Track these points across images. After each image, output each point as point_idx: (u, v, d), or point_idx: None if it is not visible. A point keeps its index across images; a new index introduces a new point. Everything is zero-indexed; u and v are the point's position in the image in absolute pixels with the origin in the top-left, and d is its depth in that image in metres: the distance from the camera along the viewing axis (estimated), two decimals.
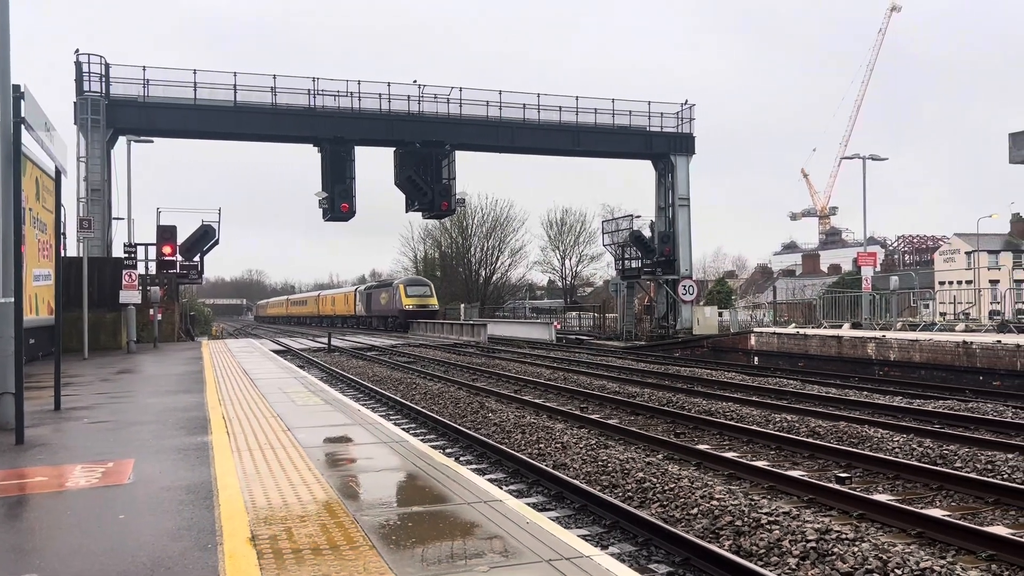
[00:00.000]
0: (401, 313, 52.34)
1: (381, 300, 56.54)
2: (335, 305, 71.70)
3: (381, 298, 56.62)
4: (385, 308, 55.72)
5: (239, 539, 4.54)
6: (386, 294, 55.79)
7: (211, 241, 33.09)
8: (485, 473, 9.39)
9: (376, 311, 58.22)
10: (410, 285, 53.83)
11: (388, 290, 55.79)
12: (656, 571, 6.06)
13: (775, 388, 16.66)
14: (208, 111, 31.58)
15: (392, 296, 53.82)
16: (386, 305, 55.36)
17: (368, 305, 59.89)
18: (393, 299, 53.45)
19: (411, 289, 52.89)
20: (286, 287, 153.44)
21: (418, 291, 52.85)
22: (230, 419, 9.24)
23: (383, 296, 56.35)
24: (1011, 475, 8.50)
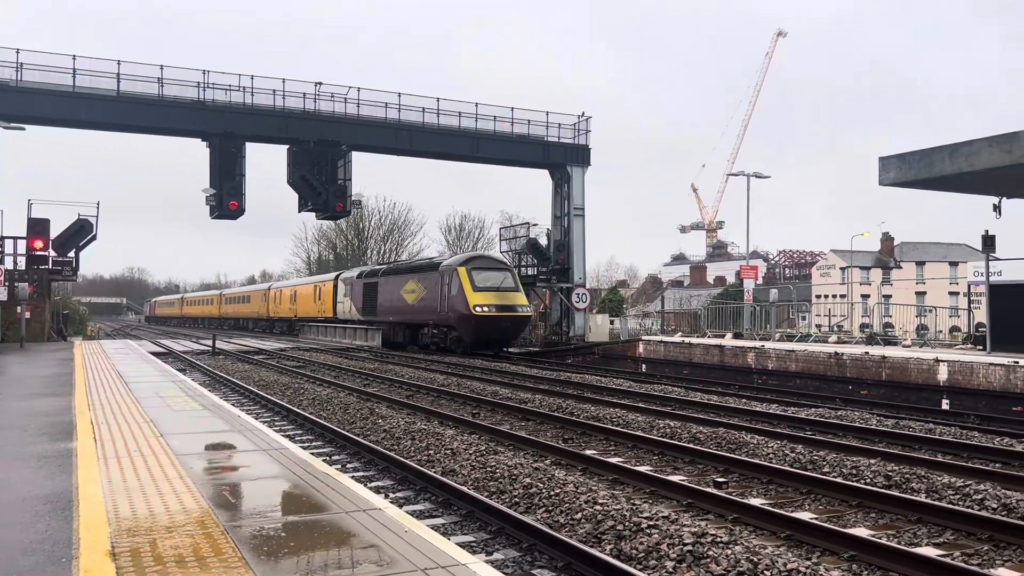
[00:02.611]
0: (464, 321, 29.12)
1: (408, 295, 33.58)
2: (299, 303, 50.51)
3: (408, 292, 33.56)
4: (419, 309, 32.42)
5: (98, 552, 4.28)
6: (421, 285, 32.36)
7: (88, 236, 31.36)
8: (372, 481, 9.23)
9: (393, 312, 35.07)
10: (478, 268, 30.21)
11: (427, 278, 31.97)
12: None
13: (660, 395, 17.12)
14: (89, 100, 29.89)
15: (440, 288, 30.54)
16: (422, 304, 32.12)
17: (372, 303, 37.20)
18: (442, 294, 30.40)
19: (481, 276, 29.78)
20: (170, 286, 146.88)
21: (494, 279, 30.18)
22: (99, 424, 8.74)
23: (414, 288, 33.00)
24: (873, 479, 9.00)
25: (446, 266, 31.16)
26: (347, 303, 41.26)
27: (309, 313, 48.58)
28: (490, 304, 29.02)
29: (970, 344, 27.46)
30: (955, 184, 18.36)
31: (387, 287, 36.02)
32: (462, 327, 29.80)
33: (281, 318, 54.98)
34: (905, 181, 18.14)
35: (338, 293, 42.80)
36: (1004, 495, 7.96)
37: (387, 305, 35.92)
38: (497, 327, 29.64)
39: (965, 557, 6.50)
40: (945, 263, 70.55)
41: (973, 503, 7.89)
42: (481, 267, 30.75)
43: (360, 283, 39.45)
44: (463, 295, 29.11)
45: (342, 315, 42.08)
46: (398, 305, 34.70)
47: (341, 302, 42.24)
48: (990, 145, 15.98)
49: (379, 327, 36.80)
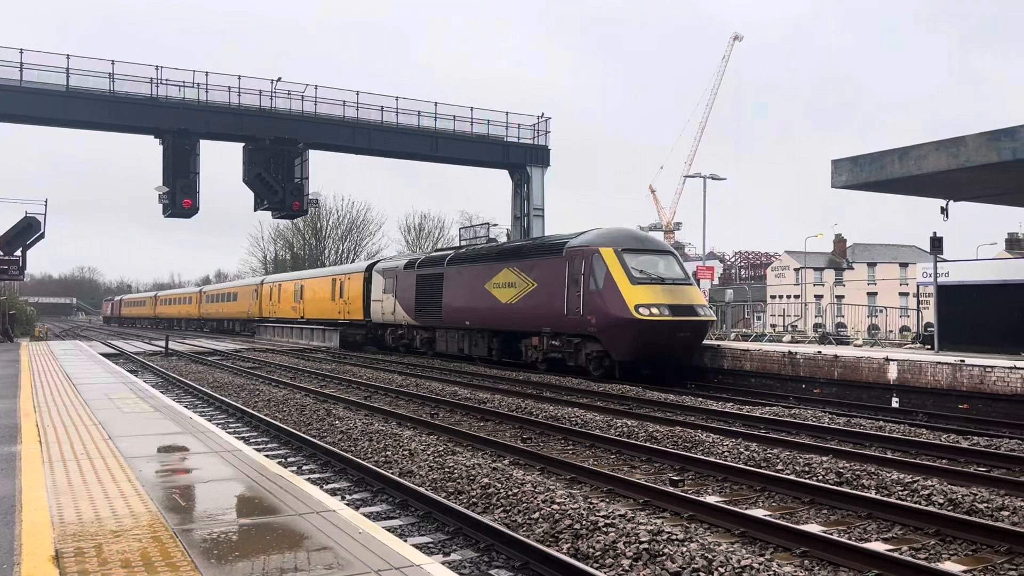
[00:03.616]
0: (617, 329, 19.60)
1: (500, 292, 23.78)
2: (309, 301, 40.98)
3: (500, 286, 23.82)
4: (523, 311, 22.76)
5: (41, 558, 4.15)
6: (526, 275, 22.70)
7: (35, 234, 30.58)
8: (328, 482, 9.12)
9: (472, 315, 25.49)
10: (632, 250, 20.78)
11: (538, 266, 22.37)
12: None
13: (618, 394, 17.22)
14: (36, 94, 29.10)
15: (567, 279, 21.00)
16: (528, 303, 22.50)
17: (433, 302, 27.71)
18: (569, 288, 20.81)
19: (638, 261, 20.52)
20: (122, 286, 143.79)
21: (656, 266, 20.93)
22: (44, 427, 8.50)
23: (512, 280, 23.31)
24: (825, 476, 9.15)
25: (577, 247, 20.85)
26: (388, 301, 31.15)
27: (324, 314, 38.60)
28: (660, 304, 19.42)
29: (919, 343, 28.16)
30: (905, 187, 18.77)
31: (460, 279, 26.15)
32: (612, 338, 19.60)
33: (280, 319, 45.79)
34: (857, 184, 18.50)
35: (373, 288, 33.02)
36: (951, 490, 8.15)
37: (460, 305, 25.97)
38: (671, 338, 19.77)
39: (913, 551, 6.64)
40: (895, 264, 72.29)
41: (921, 499, 8.07)
42: (635, 248, 20.62)
43: (411, 274, 29.42)
44: (614, 290, 19.39)
45: (380, 317, 32.12)
46: (482, 305, 24.59)
47: (379, 300, 32.12)
48: (937, 149, 16.38)
49: (444, 335, 27.44)
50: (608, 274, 19.82)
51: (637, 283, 19.73)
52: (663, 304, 19.63)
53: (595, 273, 20.07)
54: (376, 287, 33.01)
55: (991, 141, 15.56)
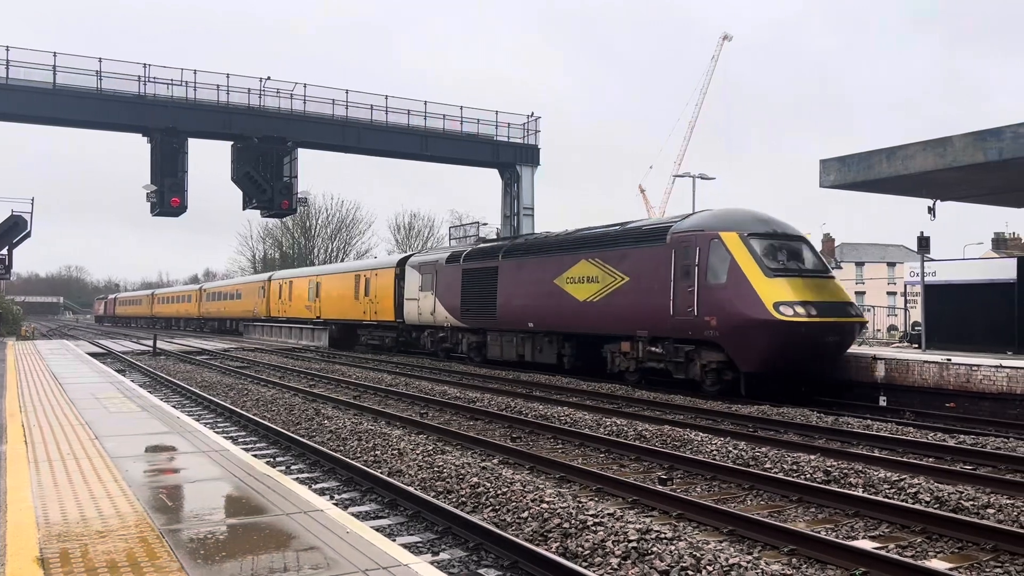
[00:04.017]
0: (750, 334, 15.55)
1: (577, 288, 20.24)
2: (327, 300, 37.74)
3: (577, 282, 20.28)
4: (611, 311, 19.01)
5: (26, 558, 4.12)
6: (614, 268, 19.07)
7: (21, 233, 30.37)
8: (317, 482, 9.10)
9: (538, 316, 21.81)
10: (761, 235, 16.63)
11: (631, 255, 18.75)
12: (485, 575, 6.07)
13: (607, 393, 17.25)
14: (22, 92, 28.86)
15: (674, 271, 17.20)
16: (618, 302, 18.78)
17: (486, 300, 24.13)
18: (677, 282, 17.04)
19: (770, 247, 16.50)
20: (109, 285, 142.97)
21: (793, 255, 16.77)
22: (30, 427, 8.44)
23: (594, 274, 19.68)
24: (812, 475, 9.19)
25: (687, 232, 17.13)
26: (426, 300, 27.44)
27: (345, 314, 35.12)
28: (806, 302, 15.62)
29: (907, 342, 28.34)
30: (893, 186, 18.89)
31: (521, 274, 22.41)
32: (740, 344, 15.77)
33: (292, 319, 42.51)
34: (845, 183, 18.60)
35: (406, 285, 29.28)
36: (937, 488, 8.20)
37: (521, 304, 22.19)
38: (817, 345, 15.87)
39: (899, 549, 6.68)
40: (883, 263, 72.64)
41: (908, 497, 8.11)
42: (763, 232, 16.64)
43: (455, 270, 25.64)
44: (744, 285, 15.70)
45: (415, 318, 28.41)
46: (550, 304, 20.90)
47: (415, 299, 28.39)
48: (924, 149, 16.48)
49: (498, 339, 23.67)
50: (734, 264, 16.00)
51: (774, 275, 15.81)
52: (809, 302, 15.69)
53: (714, 264, 16.37)
54: (411, 284, 28.96)
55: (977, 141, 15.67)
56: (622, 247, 19.16)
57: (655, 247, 18.02)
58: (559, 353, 21.55)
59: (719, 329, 16.07)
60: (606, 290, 19.17)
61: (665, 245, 17.69)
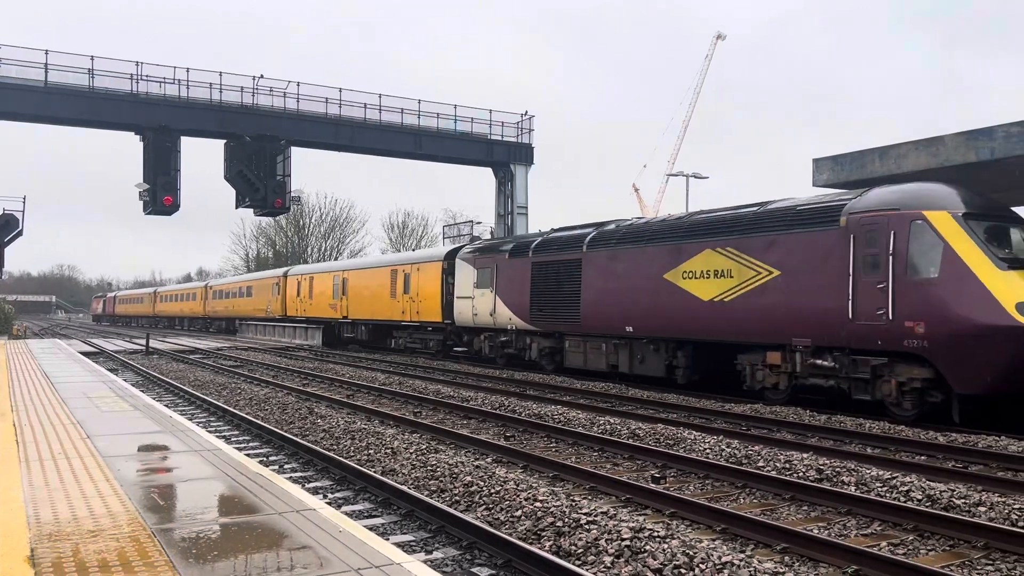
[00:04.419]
0: (975, 346, 11.89)
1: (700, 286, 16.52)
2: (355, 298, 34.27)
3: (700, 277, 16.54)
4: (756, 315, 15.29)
5: (16, 558, 4.11)
6: (756, 259, 15.38)
7: (14, 232, 30.23)
8: (309, 481, 9.08)
9: (637, 318, 18.10)
10: (978, 216, 12.90)
11: (787, 243, 14.89)
12: (478, 574, 6.06)
13: (602, 392, 17.26)
14: (13, 90, 28.75)
15: (853, 263, 13.58)
16: (769, 302, 15.04)
17: (566, 299, 20.51)
18: (858, 278, 13.46)
19: (990, 232, 12.69)
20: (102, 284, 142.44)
21: (1017, 240, 12.95)
22: (21, 426, 8.41)
23: (728, 266, 15.94)
24: (805, 473, 9.21)
25: (874, 211, 13.77)
26: (483, 298, 23.74)
27: (379, 314, 31.47)
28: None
29: None
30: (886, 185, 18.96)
31: (615, 267, 18.84)
32: (959, 358, 12.38)
33: (313, 319, 38.91)
34: (838, 182, 18.65)
35: (457, 281, 25.52)
36: (929, 486, 8.23)
37: (616, 303, 18.67)
38: None
39: (892, 547, 6.70)
40: None
41: (900, 495, 8.13)
42: (983, 212, 13.35)
43: (522, 263, 22.19)
44: (969, 280, 12.40)
45: (469, 319, 24.73)
46: (659, 304, 17.40)
47: (467, 297, 24.68)
48: (917, 148, 16.54)
49: (582, 345, 20.04)
50: (951, 253, 12.58)
51: (1009, 268, 12.33)
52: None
53: (919, 253, 12.95)
54: (463, 280, 25.20)
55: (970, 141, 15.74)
56: (768, 233, 15.32)
57: (821, 232, 14.37)
58: (669, 364, 17.62)
59: (927, 338, 12.51)
60: (744, 287, 15.51)
61: (838, 230, 14.04)
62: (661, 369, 17.81)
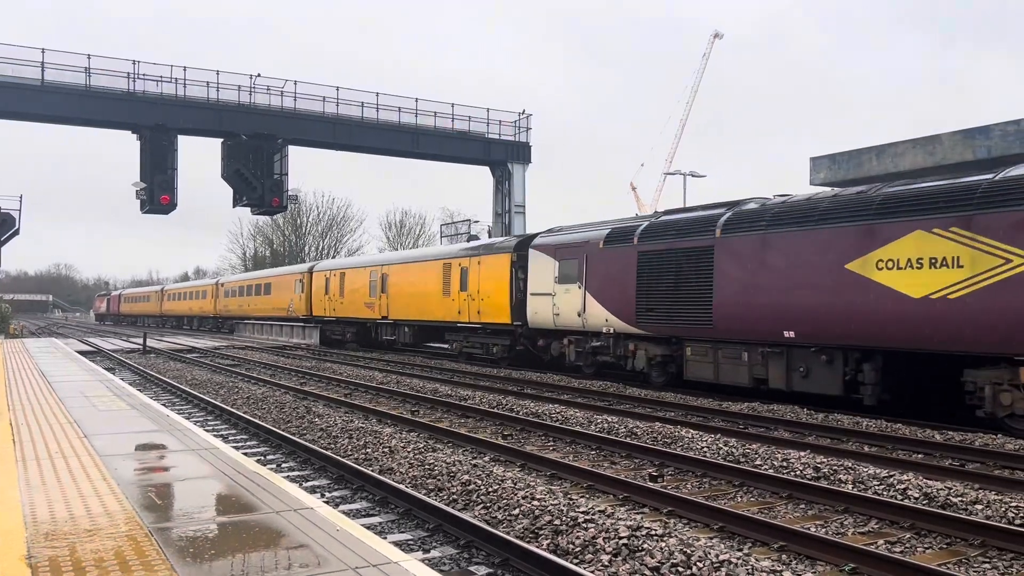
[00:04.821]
0: None
1: (928, 286, 12.37)
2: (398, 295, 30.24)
3: (940, 273, 12.28)
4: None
5: (12, 558, 4.10)
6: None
7: (10, 231, 30.20)
8: (307, 480, 9.08)
9: (805, 319, 14.20)
10: None
11: None
12: (476, 572, 6.06)
13: (599, 390, 17.27)
14: (10, 89, 28.71)
15: None
16: None
17: (687, 298, 16.63)
18: None
19: None
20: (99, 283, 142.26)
21: None
22: (18, 425, 8.39)
23: (989, 259, 11.68)
24: (802, 471, 9.22)
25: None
26: (568, 296, 20.25)
27: (428, 314, 27.64)
28: None
29: None
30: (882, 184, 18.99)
31: (769, 255, 15.12)
32: None
33: (345, 320, 34.87)
34: (835, 181, 18.68)
35: (531, 276, 21.97)
36: (926, 484, 8.24)
37: (772, 302, 14.95)
38: None
39: (889, 545, 6.71)
40: None
41: (897, 493, 8.15)
42: None
43: (623, 252, 18.47)
44: None
45: (547, 320, 21.13)
46: (841, 302, 13.82)
47: (546, 294, 21.12)
48: (914, 147, 16.57)
49: (711, 354, 16.26)
50: None
51: None
52: None
53: None
54: (538, 275, 21.56)
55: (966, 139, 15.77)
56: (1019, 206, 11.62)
57: None
58: (850, 379, 13.81)
59: None
60: (983, 280, 11.98)
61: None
62: (836, 386, 13.99)
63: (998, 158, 15.46)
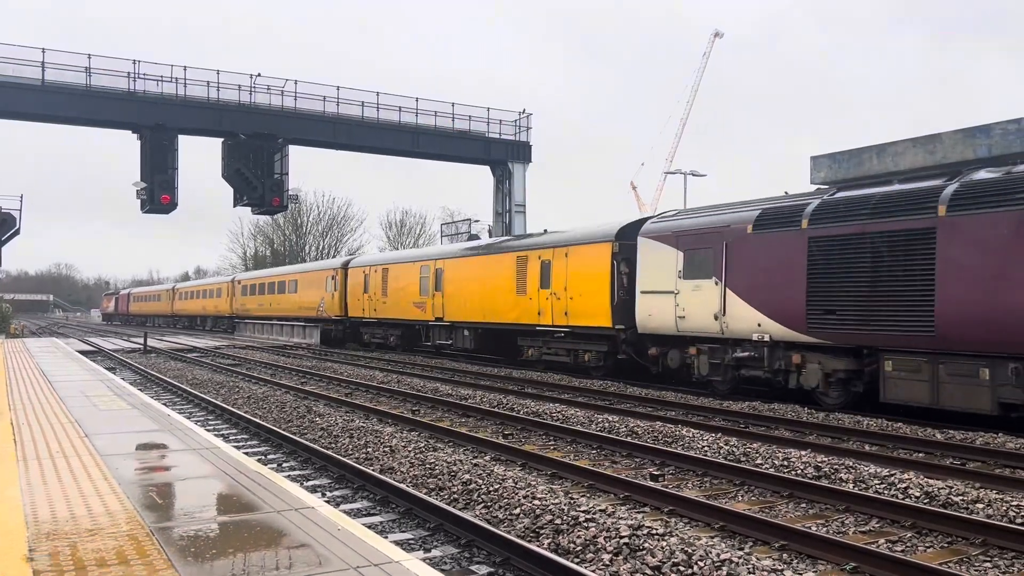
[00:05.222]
0: None
1: None
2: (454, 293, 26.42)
3: None
4: None
5: (14, 557, 4.10)
6: None
7: (11, 231, 30.21)
8: (308, 480, 9.08)
9: None
10: None
11: None
12: (477, 572, 6.06)
13: (599, 389, 17.26)
14: (10, 88, 28.69)
15: None
16: None
17: (903, 294, 12.76)
18: None
19: None
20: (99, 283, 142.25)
21: None
22: (19, 425, 8.40)
23: None
24: (803, 471, 9.22)
25: None
26: (697, 294, 16.71)
27: (495, 315, 23.72)
28: None
29: None
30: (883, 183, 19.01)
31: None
32: None
33: (388, 321, 31.03)
34: (836, 180, 18.68)
35: (641, 269, 18.19)
36: (927, 483, 8.24)
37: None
38: None
39: (890, 544, 6.71)
40: None
41: (898, 492, 8.14)
42: None
43: (788, 238, 14.92)
44: None
45: (665, 323, 17.42)
46: None
47: (664, 292, 17.38)
48: (914, 146, 16.57)
49: (923, 366, 12.67)
50: None
51: None
52: None
53: None
54: (654, 268, 17.70)
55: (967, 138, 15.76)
56: None
57: None
58: None
59: None
60: None
61: None
62: None
63: (998, 157, 15.45)
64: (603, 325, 19.34)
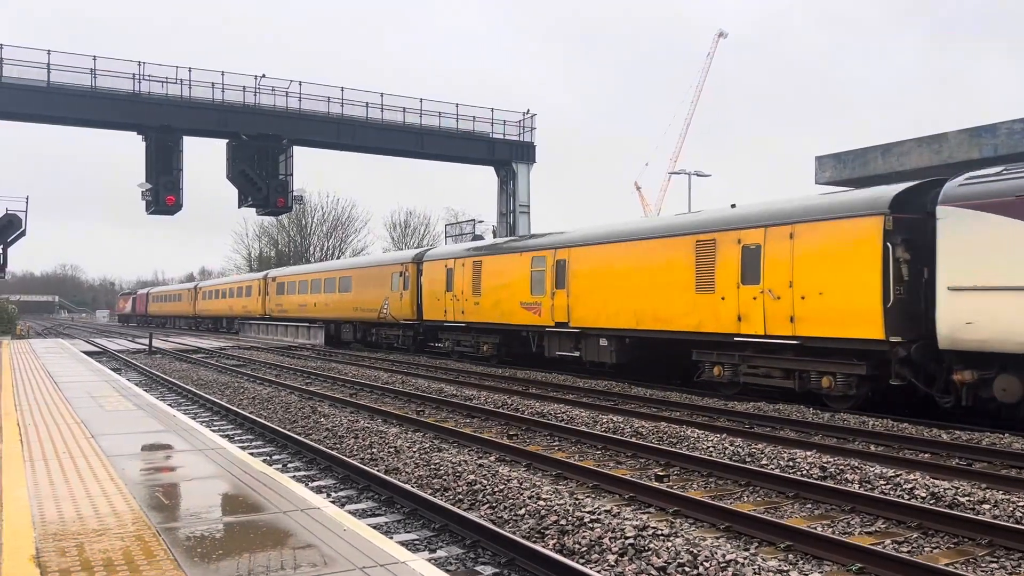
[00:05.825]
0: None
1: None
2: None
3: None
4: None
5: (22, 557, 4.11)
6: None
7: (17, 232, 30.29)
8: (313, 480, 9.09)
9: None
10: None
11: None
12: (482, 572, 6.07)
13: (604, 390, 17.25)
14: (15, 90, 28.79)
15: None
16: None
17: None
18: None
19: None
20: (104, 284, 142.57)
21: None
22: (26, 426, 8.42)
23: None
24: (809, 471, 9.20)
25: None
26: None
27: (662, 320, 17.77)
28: None
29: None
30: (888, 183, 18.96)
31: None
32: None
33: (480, 326, 25.29)
34: (841, 180, 18.65)
35: (943, 255, 12.29)
36: (933, 484, 8.22)
37: None
38: None
39: (896, 545, 6.69)
40: None
41: (904, 492, 8.12)
42: None
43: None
44: None
45: (997, 338, 11.45)
46: None
47: (1004, 287, 11.38)
48: (920, 145, 16.52)
49: None
50: None
51: None
52: None
53: None
54: (981, 250, 11.78)
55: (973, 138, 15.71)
56: None
57: None
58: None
59: None
60: None
61: None
62: None
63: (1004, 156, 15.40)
64: (865, 336, 13.58)
